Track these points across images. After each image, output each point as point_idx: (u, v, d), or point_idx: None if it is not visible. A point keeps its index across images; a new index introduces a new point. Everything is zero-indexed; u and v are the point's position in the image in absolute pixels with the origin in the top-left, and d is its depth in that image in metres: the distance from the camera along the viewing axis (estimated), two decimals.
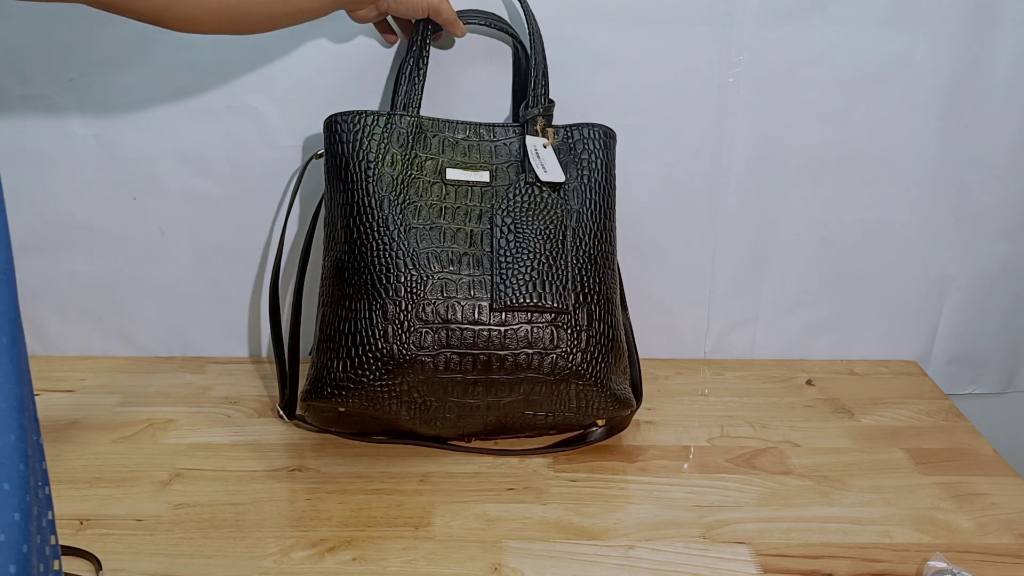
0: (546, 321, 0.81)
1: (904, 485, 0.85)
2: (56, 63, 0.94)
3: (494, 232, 0.82)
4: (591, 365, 0.83)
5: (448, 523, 0.78)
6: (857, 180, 1.02)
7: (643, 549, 0.76)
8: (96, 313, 1.06)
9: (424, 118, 0.87)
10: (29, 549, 0.43)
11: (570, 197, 0.86)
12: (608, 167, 0.89)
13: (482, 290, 0.80)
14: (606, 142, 0.89)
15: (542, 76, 0.89)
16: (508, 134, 0.89)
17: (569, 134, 0.89)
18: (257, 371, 1.05)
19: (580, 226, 0.85)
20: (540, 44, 0.89)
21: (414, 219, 0.82)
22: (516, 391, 0.82)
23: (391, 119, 0.85)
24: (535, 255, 0.82)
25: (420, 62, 0.88)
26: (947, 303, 1.10)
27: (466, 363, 0.80)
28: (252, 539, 0.76)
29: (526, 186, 0.85)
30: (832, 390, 1.04)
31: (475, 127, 0.88)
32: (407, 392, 0.81)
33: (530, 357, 0.81)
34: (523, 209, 0.84)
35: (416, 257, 0.80)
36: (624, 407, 0.88)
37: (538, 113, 0.88)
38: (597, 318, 0.83)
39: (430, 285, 0.80)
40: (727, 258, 1.05)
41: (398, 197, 0.82)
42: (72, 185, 0.99)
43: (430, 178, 0.85)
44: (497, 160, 0.87)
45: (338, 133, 0.85)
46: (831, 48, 0.96)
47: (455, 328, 0.79)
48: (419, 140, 0.86)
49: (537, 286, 0.81)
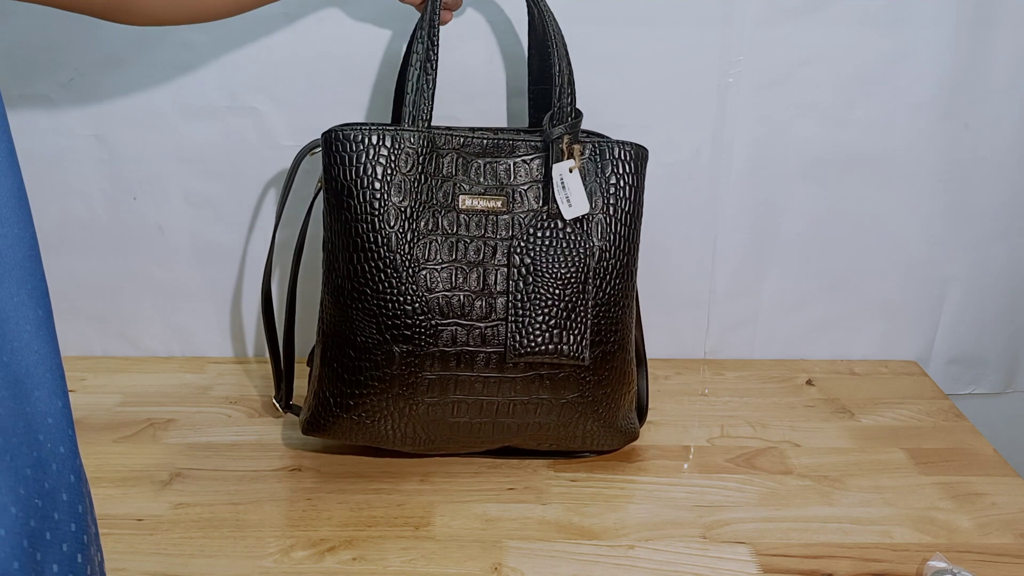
0: (558, 370, 0.78)
1: (904, 485, 0.85)
2: (56, 63, 0.94)
3: (510, 272, 0.77)
4: (600, 407, 0.81)
5: (448, 523, 0.78)
6: (857, 180, 1.02)
7: (643, 549, 0.76)
8: (96, 313, 1.06)
9: (436, 132, 0.78)
10: (84, 509, 0.47)
11: (593, 233, 0.78)
12: (638, 194, 0.81)
13: (494, 338, 0.76)
14: (638, 164, 0.81)
15: (567, 84, 0.79)
16: (528, 150, 0.79)
17: (598, 151, 0.80)
18: (256, 371, 1.05)
19: (601, 265, 0.78)
20: (564, 49, 0.81)
21: (423, 257, 0.76)
22: (523, 432, 0.82)
23: (398, 137, 0.76)
24: (554, 302, 0.76)
25: (428, 66, 0.78)
26: (947, 303, 1.10)
27: (474, 409, 0.79)
28: (252, 539, 0.76)
29: (548, 220, 0.78)
30: (832, 390, 1.03)
31: (493, 141, 0.79)
32: (412, 429, 0.80)
33: (540, 402, 0.79)
34: (543, 247, 0.77)
35: (426, 303, 0.75)
36: (629, 440, 0.87)
37: (564, 131, 0.78)
38: (609, 362, 0.80)
39: (440, 331, 0.76)
40: (727, 258, 1.05)
41: (406, 232, 0.75)
42: (72, 185, 0.99)
43: (442, 207, 0.77)
44: (516, 182, 0.79)
45: (339, 153, 0.76)
46: (831, 48, 0.96)
47: (464, 379, 0.77)
48: (430, 160, 0.77)
49: (554, 336, 0.76)
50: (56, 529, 0.44)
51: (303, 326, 0.92)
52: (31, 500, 0.43)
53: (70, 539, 0.45)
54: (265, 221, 1.02)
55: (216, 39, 0.93)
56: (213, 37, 0.93)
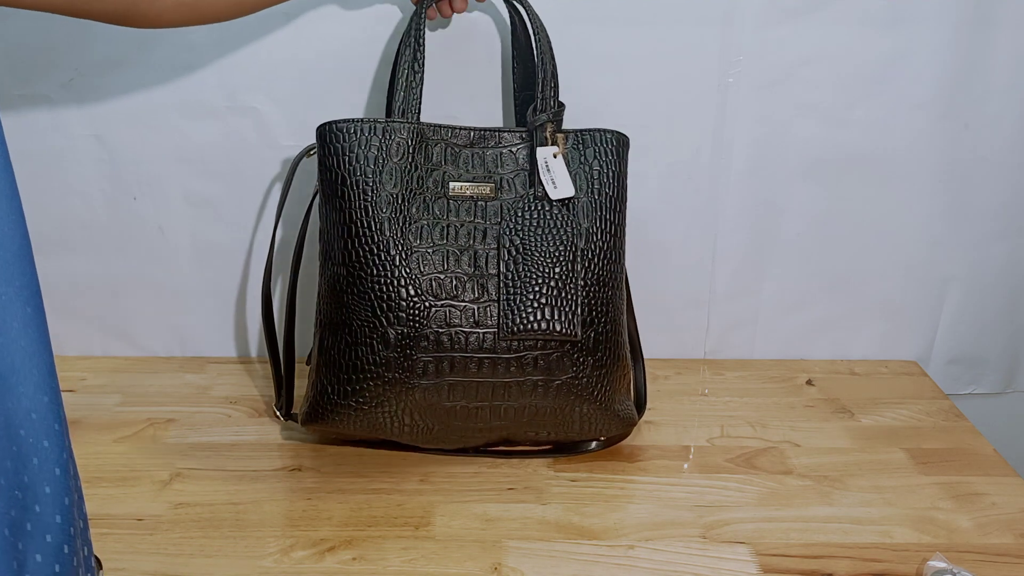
0: (551, 348, 0.79)
1: (904, 485, 0.85)
2: (56, 63, 0.94)
3: (501, 254, 0.79)
4: (596, 388, 0.82)
5: (448, 523, 0.78)
6: (857, 180, 1.02)
7: (643, 549, 0.76)
8: (96, 313, 1.06)
9: (425, 125, 0.81)
10: (71, 502, 0.47)
11: (579, 214, 0.81)
12: (620, 178, 0.84)
13: (487, 317, 0.78)
14: (619, 150, 0.84)
15: (550, 78, 0.84)
16: (514, 140, 0.83)
17: (580, 140, 0.83)
18: (257, 371, 1.05)
19: (589, 246, 0.81)
20: (547, 44, 0.85)
21: (416, 241, 0.78)
22: (520, 415, 0.82)
23: (389, 128, 0.79)
24: (544, 280, 0.78)
25: (415, 65, 0.82)
26: (947, 303, 1.09)
27: (469, 391, 0.79)
28: (252, 539, 0.76)
29: (535, 202, 0.81)
30: (832, 390, 1.03)
31: (479, 132, 0.83)
32: (408, 416, 0.81)
33: (535, 384, 0.79)
34: (531, 228, 0.79)
35: (418, 284, 0.77)
36: (627, 425, 0.88)
37: (547, 119, 0.83)
38: (603, 341, 0.81)
39: (433, 312, 0.77)
40: (727, 258, 1.05)
41: (398, 217, 0.78)
42: (72, 185, 0.99)
43: (432, 194, 0.80)
44: (503, 170, 0.82)
45: (332, 144, 0.79)
46: (831, 48, 0.96)
47: (458, 358, 0.78)
48: (420, 150, 0.80)
49: (546, 313, 0.78)
50: (38, 520, 0.45)
51: (303, 327, 0.92)
52: (11, 491, 0.44)
53: (55, 530, 0.46)
54: (265, 221, 1.02)
55: (216, 39, 0.94)
56: (213, 37, 0.93)
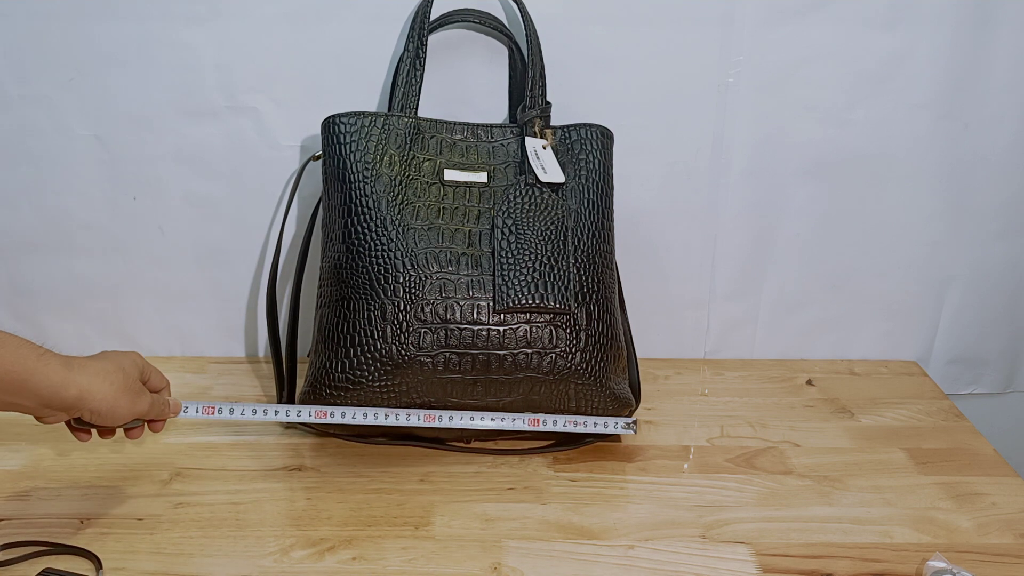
0: (545, 321, 0.81)
1: (904, 485, 0.85)
2: (56, 63, 0.94)
3: (495, 233, 0.83)
4: (590, 364, 0.83)
5: (448, 523, 0.78)
6: (857, 180, 1.02)
7: (643, 549, 0.76)
8: (96, 313, 1.06)
9: (422, 119, 0.87)
10: None
11: (569, 197, 0.86)
12: (606, 167, 0.89)
13: (481, 290, 0.81)
14: (604, 142, 0.89)
15: (539, 77, 0.90)
16: (506, 135, 0.89)
17: (567, 134, 0.89)
18: (257, 371, 1.05)
19: (579, 226, 0.85)
20: (537, 45, 0.90)
21: (412, 220, 0.82)
22: (515, 391, 0.82)
23: (388, 120, 0.86)
24: (536, 256, 0.82)
25: (417, 63, 0.88)
26: (947, 303, 1.09)
27: (465, 363, 0.80)
28: (252, 538, 0.76)
29: (526, 187, 0.85)
30: (832, 390, 1.03)
31: (473, 128, 0.89)
32: (406, 393, 0.81)
33: (529, 357, 0.81)
34: (523, 210, 0.84)
35: (415, 257, 0.80)
36: (623, 406, 0.88)
37: (536, 115, 0.89)
38: (596, 317, 0.83)
39: (428, 285, 0.80)
40: (727, 258, 1.05)
41: (396, 198, 0.83)
42: (72, 185, 0.99)
43: (428, 179, 0.85)
44: (495, 161, 0.88)
45: (336, 134, 0.85)
46: (831, 48, 0.96)
47: (454, 328, 0.80)
48: (417, 141, 0.86)
49: (539, 287, 0.81)
50: None
51: (305, 328, 0.93)
52: None
53: None
54: (265, 221, 1.02)
55: (216, 39, 0.93)
56: (213, 37, 0.93)
